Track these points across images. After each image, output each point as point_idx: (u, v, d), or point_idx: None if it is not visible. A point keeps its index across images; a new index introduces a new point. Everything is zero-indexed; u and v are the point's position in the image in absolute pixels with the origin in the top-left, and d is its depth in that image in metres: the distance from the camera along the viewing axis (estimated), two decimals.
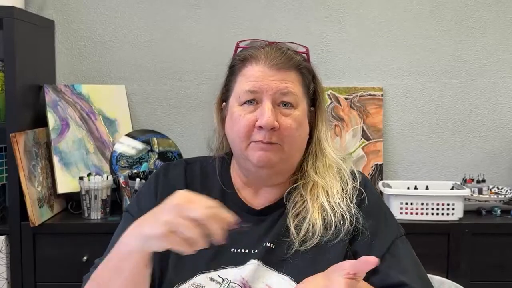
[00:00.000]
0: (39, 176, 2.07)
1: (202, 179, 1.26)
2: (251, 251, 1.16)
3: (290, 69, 1.17)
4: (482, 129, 2.41)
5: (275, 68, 1.15)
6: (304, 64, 1.20)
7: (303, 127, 1.19)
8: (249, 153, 1.15)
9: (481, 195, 2.22)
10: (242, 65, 1.19)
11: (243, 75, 1.18)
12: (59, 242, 2.04)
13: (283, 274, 1.12)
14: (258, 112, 1.14)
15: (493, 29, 2.38)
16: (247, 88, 1.15)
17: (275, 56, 1.16)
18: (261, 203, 1.22)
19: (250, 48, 1.20)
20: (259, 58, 1.16)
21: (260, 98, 1.15)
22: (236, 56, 1.22)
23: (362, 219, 1.16)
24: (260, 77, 1.15)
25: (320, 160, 1.22)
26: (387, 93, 2.39)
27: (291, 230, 1.15)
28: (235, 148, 1.20)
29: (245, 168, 1.21)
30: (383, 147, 2.36)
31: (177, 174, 1.26)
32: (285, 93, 1.15)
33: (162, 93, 2.40)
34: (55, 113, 2.17)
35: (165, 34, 2.39)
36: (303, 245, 1.14)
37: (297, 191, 1.20)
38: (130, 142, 2.28)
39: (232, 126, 1.18)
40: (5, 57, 2.00)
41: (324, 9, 2.38)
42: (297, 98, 1.17)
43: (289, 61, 1.17)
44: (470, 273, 2.04)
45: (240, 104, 1.16)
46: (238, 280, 1.11)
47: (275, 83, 1.14)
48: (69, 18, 2.38)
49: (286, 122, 1.14)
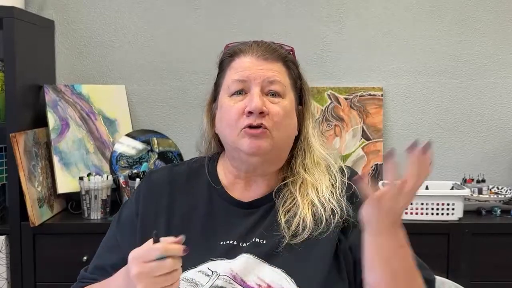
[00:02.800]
0: (39, 176, 2.07)
1: (188, 177, 1.27)
2: (240, 243, 1.17)
3: (277, 60, 1.21)
4: (482, 129, 2.41)
5: (262, 59, 1.20)
6: (290, 57, 1.24)
7: (291, 118, 1.22)
8: (240, 142, 1.17)
9: (481, 195, 2.22)
10: (231, 59, 1.23)
11: (231, 68, 1.22)
12: (59, 242, 2.04)
13: (275, 267, 1.13)
14: (247, 100, 1.17)
15: (493, 29, 2.38)
16: (236, 78, 1.19)
17: (262, 49, 1.21)
18: (250, 197, 1.23)
19: (238, 44, 1.25)
20: (247, 50, 1.21)
21: (248, 87, 1.18)
22: (225, 51, 1.26)
23: (353, 212, 1.17)
24: (248, 67, 1.19)
25: (309, 157, 1.24)
26: (387, 93, 2.39)
27: (281, 225, 1.17)
28: (227, 140, 1.21)
29: (237, 159, 1.22)
30: (383, 147, 2.36)
31: (159, 177, 1.28)
32: (272, 81, 1.19)
33: (162, 93, 2.40)
34: (55, 113, 2.18)
35: (165, 34, 2.39)
36: (294, 239, 1.15)
37: (286, 188, 1.22)
38: (130, 142, 2.28)
39: (222, 118, 1.21)
40: (5, 57, 2.00)
41: (324, 9, 2.38)
42: (284, 87, 1.20)
43: (275, 52, 1.22)
44: (470, 273, 2.04)
45: (229, 95, 1.20)
46: (228, 272, 1.13)
47: (263, 71, 1.19)
48: (69, 18, 2.38)
49: (274, 108, 1.17)
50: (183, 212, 1.22)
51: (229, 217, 1.21)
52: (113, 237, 1.26)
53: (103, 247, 1.27)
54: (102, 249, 1.27)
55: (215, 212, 1.22)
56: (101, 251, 1.27)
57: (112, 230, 1.28)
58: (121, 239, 1.24)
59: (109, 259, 1.23)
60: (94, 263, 1.26)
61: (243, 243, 1.17)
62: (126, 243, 1.20)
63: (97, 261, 1.26)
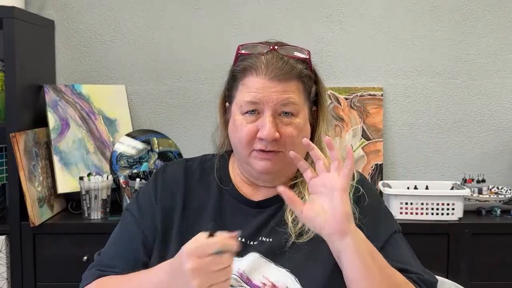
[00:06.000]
0: (39, 176, 2.07)
1: (201, 176, 1.28)
2: (248, 241, 1.18)
3: (291, 80, 1.17)
4: (482, 129, 2.41)
5: (275, 80, 1.15)
6: (305, 72, 1.20)
7: (304, 131, 1.21)
8: (252, 161, 1.18)
9: (481, 195, 2.22)
10: (242, 75, 1.19)
11: (244, 85, 1.18)
12: (59, 242, 2.04)
13: (280, 266, 1.14)
14: (259, 123, 1.15)
15: (493, 29, 2.38)
16: (248, 99, 1.16)
17: (276, 67, 1.16)
18: (260, 197, 1.24)
19: (250, 56, 1.19)
20: (259, 69, 1.16)
21: (261, 108, 1.16)
22: (236, 66, 1.22)
23: (359, 215, 1.17)
24: (260, 88, 1.15)
25: None
26: (387, 93, 2.39)
27: (288, 224, 1.17)
28: (238, 153, 1.22)
29: (247, 171, 1.24)
30: (383, 147, 2.36)
31: (176, 171, 1.28)
32: (286, 104, 1.16)
33: (162, 93, 2.40)
34: (55, 113, 2.18)
35: (165, 34, 2.39)
36: (300, 238, 1.16)
37: (296, 188, 1.22)
38: (130, 142, 2.28)
39: (234, 133, 1.20)
40: (5, 57, 2.00)
41: (324, 9, 2.38)
42: (297, 107, 1.18)
43: (290, 71, 1.16)
44: (470, 273, 2.04)
45: (242, 113, 1.18)
46: (235, 270, 1.13)
47: (276, 94, 1.15)
48: (69, 18, 2.38)
49: (287, 131, 1.16)
50: (196, 208, 1.23)
51: (238, 215, 1.22)
52: (131, 223, 1.24)
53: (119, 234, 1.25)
54: (118, 237, 1.25)
55: (225, 210, 1.23)
56: (117, 238, 1.25)
57: (128, 218, 1.25)
58: (143, 225, 1.22)
59: (129, 245, 1.21)
60: (112, 250, 1.23)
61: (251, 241, 1.18)
62: (147, 230, 1.21)
63: (115, 248, 1.23)
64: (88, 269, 1.23)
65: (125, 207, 1.31)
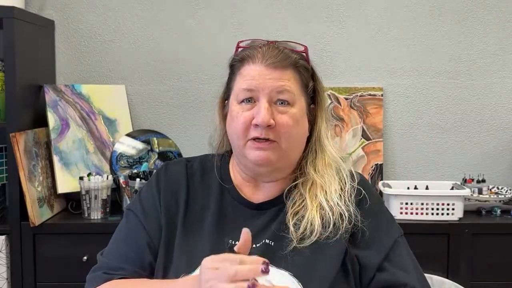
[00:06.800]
0: (39, 176, 2.07)
1: (202, 175, 1.28)
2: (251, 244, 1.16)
3: (287, 68, 1.18)
4: (482, 129, 2.41)
5: (271, 67, 1.16)
6: (301, 62, 1.21)
7: (301, 124, 1.20)
8: (247, 152, 1.17)
9: (481, 195, 2.22)
10: (240, 65, 1.20)
11: (240, 74, 1.19)
12: (59, 242, 2.04)
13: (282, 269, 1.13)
14: (255, 110, 1.16)
15: (493, 29, 2.38)
16: (244, 87, 1.17)
17: (272, 55, 1.17)
18: (260, 199, 1.24)
19: (248, 48, 1.22)
20: (256, 57, 1.18)
21: (257, 96, 1.16)
22: (235, 56, 1.23)
23: (361, 218, 1.17)
24: (256, 75, 1.16)
25: (320, 158, 1.24)
26: (387, 93, 2.39)
27: (290, 228, 1.16)
28: (234, 145, 1.22)
29: (244, 165, 1.23)
30: (383, 147, 2.36)
31: (178, 171, 1.28)
32: (281, 91, 1.16)
33: (162, 93, 2.40)
34: (55, 113, 2.18)
35: (165, 34, 2.39)
36: (302, 242, 1.15)
37: (297, 190, 1.22)
38: (130, 142, 2.28)
39: (231, 123, 1.20)
40: (5, 57, 2.00)
41: (324, 9, 2.38)
42: (293, 96, 1.18)
43: (285, 60, 1.18)
44: (470, 273, 2.04)
45: (238, 102, 1.18)
46: None
47: (271, 81, 1.16)
48: (69, 18, 2.38)
49: (282, 119, 1.16)
50: (198, 208, 1.23)
51: (238, 216, 1.21)
52: (135, 224, 1.23)
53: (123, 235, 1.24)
54: (123, 237, 1.24)
55: (226, 211, 1.22)
56: (122, 239, 1.24)
57: (131, 217, 1.24)
58: (147, 225, 1.22)
59: (135, 246, 1.21)
60: (117, 251, 1.22)
61: (254, 244, 1.16)
62: (152, 230, 1.20)
63: (120, 248, 1.22)
64: (92, 271, 1.21)
65: (126, 207, 1.31)
